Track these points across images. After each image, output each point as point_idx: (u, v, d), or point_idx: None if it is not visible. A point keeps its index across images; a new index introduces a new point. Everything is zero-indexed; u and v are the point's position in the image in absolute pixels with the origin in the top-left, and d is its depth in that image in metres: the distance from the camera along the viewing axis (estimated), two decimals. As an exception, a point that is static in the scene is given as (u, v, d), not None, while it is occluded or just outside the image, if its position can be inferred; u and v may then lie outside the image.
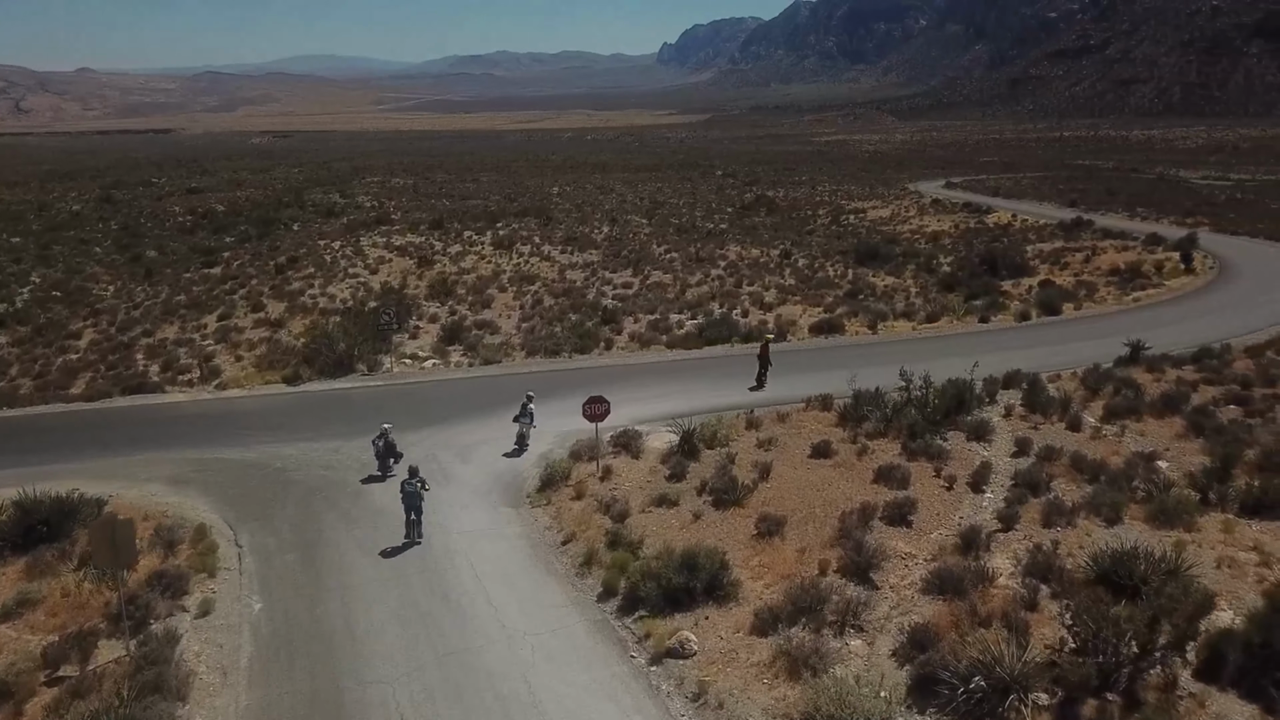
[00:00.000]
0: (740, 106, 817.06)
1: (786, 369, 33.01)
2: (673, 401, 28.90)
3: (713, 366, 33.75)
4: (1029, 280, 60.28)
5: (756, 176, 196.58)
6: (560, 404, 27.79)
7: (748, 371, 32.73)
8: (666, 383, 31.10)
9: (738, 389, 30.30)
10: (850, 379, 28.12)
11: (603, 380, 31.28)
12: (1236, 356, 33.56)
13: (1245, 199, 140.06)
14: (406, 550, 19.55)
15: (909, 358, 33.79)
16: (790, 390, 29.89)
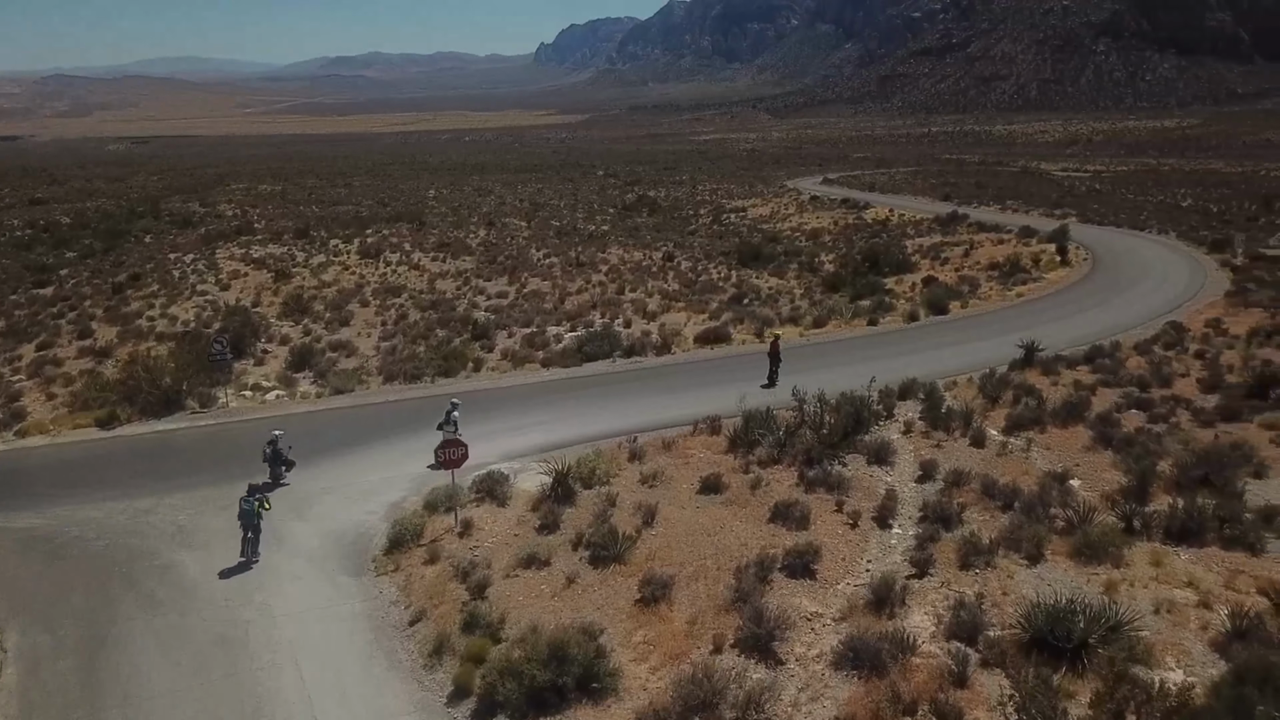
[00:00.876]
0: (619, 106, 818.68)
1: (671, 387, 30.49)
2: (548, 431, 25.90)
3: (592, 387, 30.85)
4: (912, 277, 59.73)
5: (638, 176, 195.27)
6: (417, 441, 24.48)
7: (631, 391, 30.05)
8: (541, 408, 28.02)
9: (619, 412, 27.51)
10: (740, 399, 25.71)
11: (469, 408, 27.94)
12: (1127, 354, 32.76)
13: (1103, 189, 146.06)
14: (215, 643, 16.00)
15: (799, 368, 31.82)
16: (677, 410, 27.31)
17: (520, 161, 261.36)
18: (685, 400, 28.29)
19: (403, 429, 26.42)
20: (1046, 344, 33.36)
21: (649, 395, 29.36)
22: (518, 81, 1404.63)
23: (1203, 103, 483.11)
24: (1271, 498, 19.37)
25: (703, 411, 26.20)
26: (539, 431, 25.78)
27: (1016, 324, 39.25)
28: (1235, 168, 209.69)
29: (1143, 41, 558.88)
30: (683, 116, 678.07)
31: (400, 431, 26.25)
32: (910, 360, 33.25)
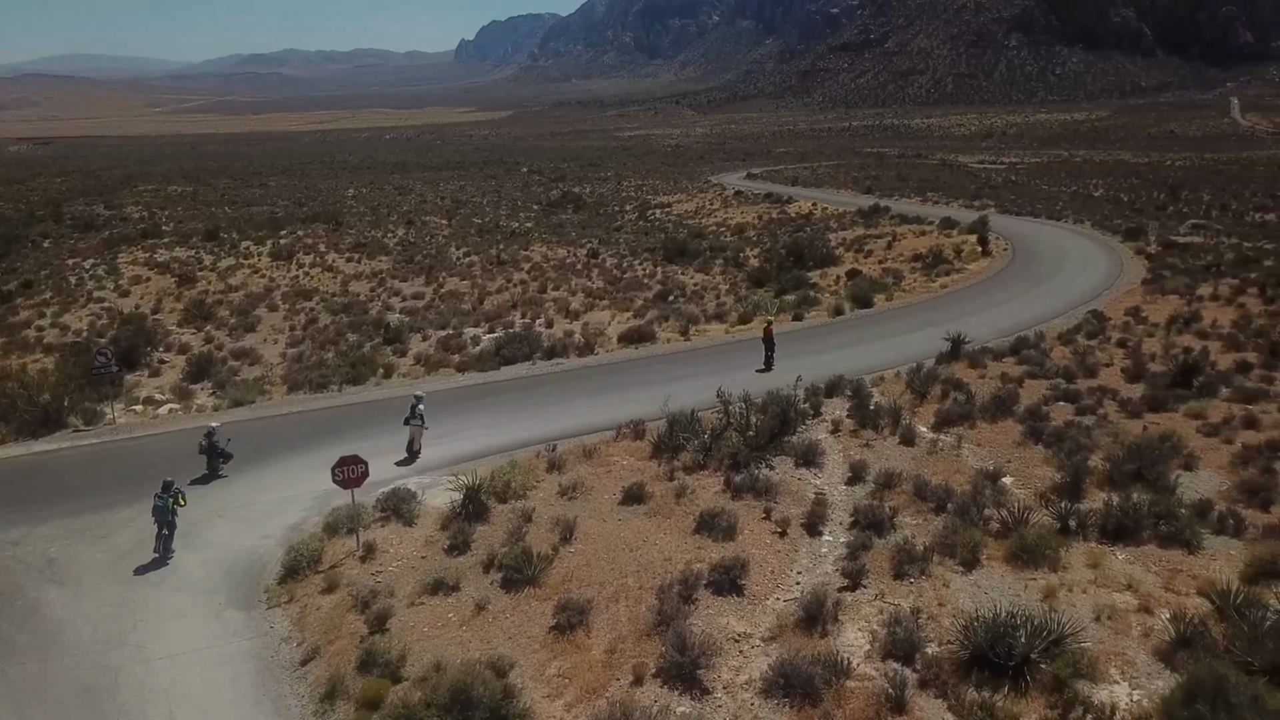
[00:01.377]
0: (542, 103, 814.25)
1: (594, 390, 29.27)
2: (462, 441, 24.43)
3: (510, 392, 29.43)
4: (836, 270, 59.52)
5: (563, 173, 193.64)
6: (321, 455, 22.81)
7: (551, 396, 28.73)
8: (455, 417, 26.46)
9: (538, 419, 26.16)
10: (664, 401, 24.61)
11: (377, 418, 26.40)
12: (1052, 345, 32.59)
13: (1019, 181, 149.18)
14: (79, 694, 14.27)
15: (725, 367, 30.91)
16: (600, 415, 26.09)
17: (443, 159, 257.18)
18: (608, 404, 27.11)
19: (306, 443, 24.68)
20: (972, 336, 33.05)
21: (570, 399, 28.10)
22: (439, 79, 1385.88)
23: (1109, 96, 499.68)
24: (1203, 490, 18.99)
25: (626, 415, 25.05)
26: (452, 442, 24.29)
27: (942, 316, 39.02)
28: (1142, 158, 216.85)
29: (1052, 36, 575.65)
30: (607, 113, 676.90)
31: (303, 445, 24.51)
32: (837, 356, 32.62)
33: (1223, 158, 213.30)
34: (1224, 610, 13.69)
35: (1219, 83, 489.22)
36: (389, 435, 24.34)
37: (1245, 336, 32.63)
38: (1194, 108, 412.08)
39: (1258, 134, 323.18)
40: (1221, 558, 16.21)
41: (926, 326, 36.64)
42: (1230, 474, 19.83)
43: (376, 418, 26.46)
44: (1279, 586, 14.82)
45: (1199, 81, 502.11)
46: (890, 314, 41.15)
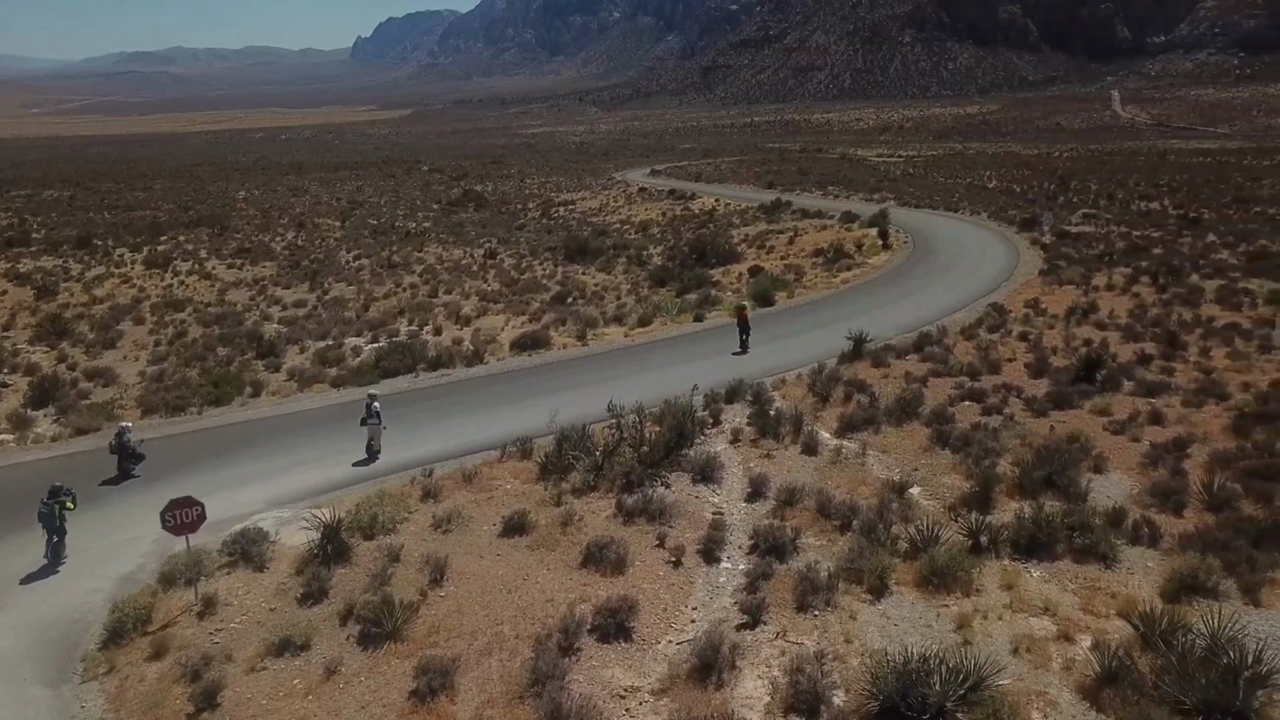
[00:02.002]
0: (443, 101, 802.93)
1: (480, 403, 27.24)
2: (329, 468, 22.14)
3: (389, 409, 27.04)
4: (739, 267, 58.62)
5: (465, 171, 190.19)
6: (170, 490, 20.31)
7: (432, 412, 26.55)
8: (324, 439, 24.09)
9: (416, 439, 23.99)
10: (552, 416, 22.79)
11: (238, 444, 23.92)
12: (955, 340, 31.90)
13: (916, 173, 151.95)
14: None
15: (622, 374, 29.29)
16: (484, 431, 24.13)
17: (340, 159, 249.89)
18: (494, 419, 25.12)
19: (156, 476, 22.06)
20: (875, 333, 32.18)
21: (453, 415, 25.96)
22: (336, 77, 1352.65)
23: (999, 90, 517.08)
24: (1114, 495, 18.16)
25: (514, 431, 23.15)
26: (318, 469, 21.99)
27: (844, 312, 38.21)
28: (1032, 149, 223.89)
29: (944, 32, 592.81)
30: (509, 110, 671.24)
31: (150, 479, 21.90)
32: (737, 358, 31.32)
33: (1106, 148, 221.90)
34: (1148, 637, 12.61)
35: (1100, 77, 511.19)
36: (256, 461, 22.01)
37: (1142, 326, 32.55)
38: (1078, 101, 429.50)
39: (1137, 125, 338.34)
40: (1139, 571, 15.27)
41: (829, 324, 35.70)
42: (1140, 476, 19.08)
43: (234, 443, 23.96)
44: (1201, 603, 13.89)
45: (1082, 76, 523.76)
46: (792, 312, 40.12)
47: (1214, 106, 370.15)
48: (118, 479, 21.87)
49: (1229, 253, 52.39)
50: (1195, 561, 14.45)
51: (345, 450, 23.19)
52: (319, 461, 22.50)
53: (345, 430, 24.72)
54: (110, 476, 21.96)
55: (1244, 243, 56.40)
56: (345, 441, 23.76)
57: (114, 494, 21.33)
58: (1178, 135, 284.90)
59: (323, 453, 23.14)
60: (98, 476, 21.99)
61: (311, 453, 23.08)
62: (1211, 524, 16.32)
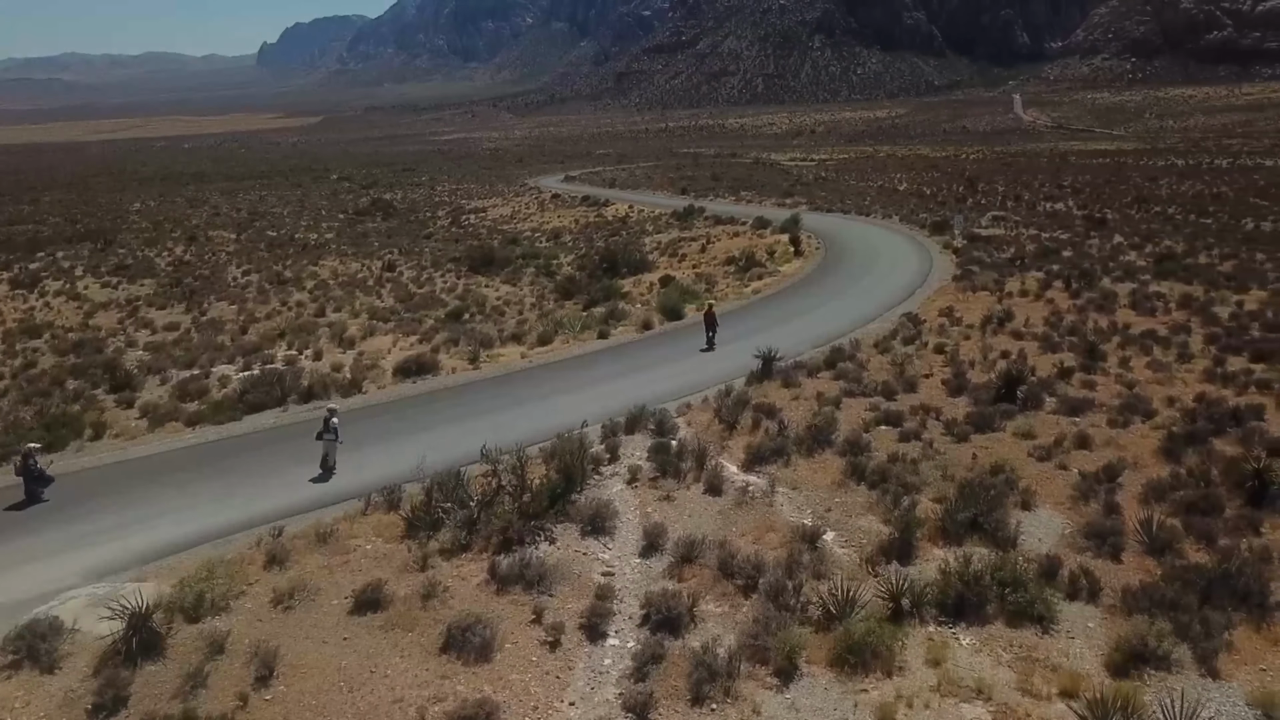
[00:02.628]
0: (354, 107, 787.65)
1: (351, 442, 24.26)
2: (161, 529, 19.02)
3: (246, 451, 24.01)
4: (651, 276, 56.63)
5: (375, 179, 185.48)
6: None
7: (293, 455, 23.45)
8: (164, 493, 20.79)
9: (270, 489, 20.99)
10: (420, 460, 20.11)
11: (63, 502, 20.63)
12: (869, 355, 30.19)
13: (829, 177, 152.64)
14: None
15: (513, 403, 26.75)
16: (349, 477, 21.33)
17: (246, 168, 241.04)
18: (363, 462, 22.28)
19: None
20: (786, 348, 30.36)
21: (311, 460, 22.88)
22: (241, 83, 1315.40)
23: (907, 94, 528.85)
24: (1046, 538, 16.41)
25: (383, 476, 20.44)
26: (144, 531, 18.87)
27: (755, 324, 36.34)
28: (940, 152, 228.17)
29: (852, 38, 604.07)
30: (422, 116, 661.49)
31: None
32: (641, 380, 29.06)
33: (1011, 150, 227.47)
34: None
35: (1002, 81, 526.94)
36: (56, 528, 18.83)
37: (1059, 335, 31.37)
38: (982, 104, 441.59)
39: (1039, 128, 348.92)
40: (1080, 635, 13.43)
41: (739, 338, 33.73)
42: (1072, 512, 17.39)
43: (60, 497, 20.65)
44: (1154, 675, 12.07)
45: (985, 80, 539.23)
46: (701, 326, 37.99)
47: (1110, 109, 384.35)
48: (24, 504, 20.53)
49: (1137, 254, 52.37)
50: (1143, 626, 12.66)
51: (187, 506, 20.12)
52: (151, 521, 19.38)
53: (189, 479, 21.65)
54: (17, 502, 20.52)
55: (1149, 243, 56.65)
56: (188, 493, 20.69)
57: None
58: (1077, 137, 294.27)
59: (159, 509, 20.02)
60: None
61: (143, 509, 19.95)
62: (1155, 572, 14.64)
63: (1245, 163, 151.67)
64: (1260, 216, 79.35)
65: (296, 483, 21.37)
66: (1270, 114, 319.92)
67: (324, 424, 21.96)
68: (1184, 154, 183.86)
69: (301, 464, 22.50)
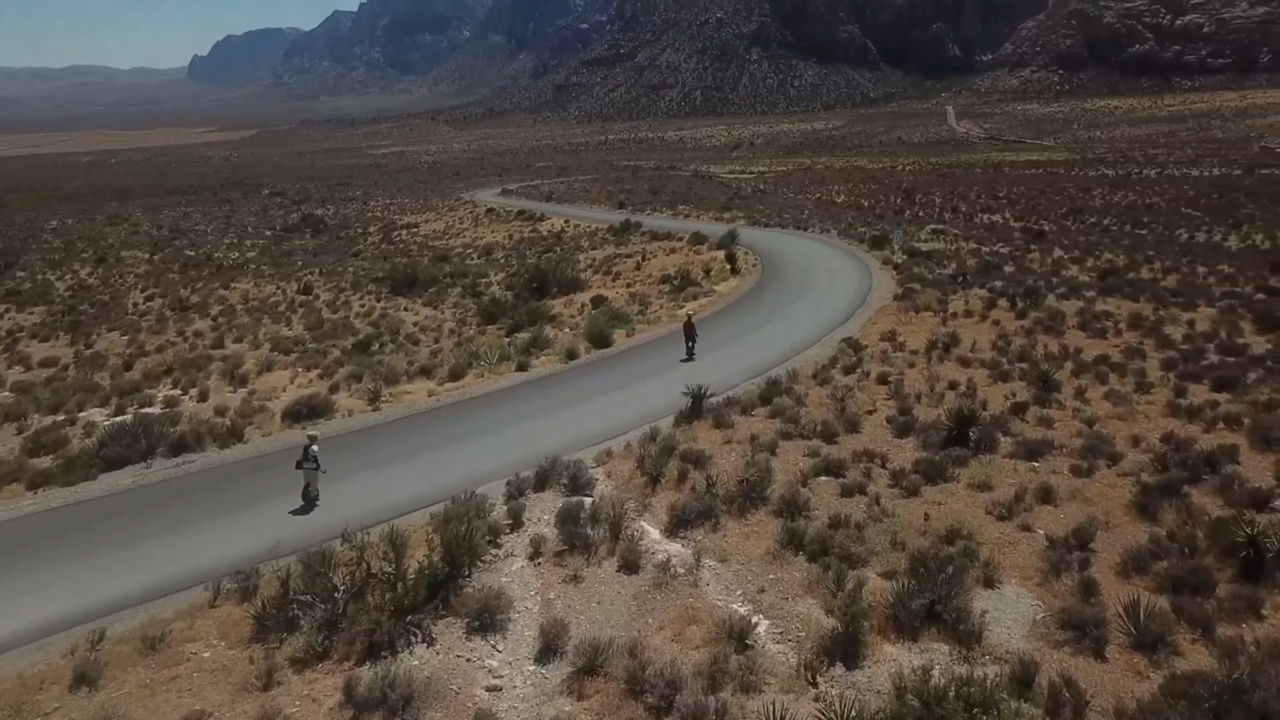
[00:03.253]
0: (289, 121, 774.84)
1: (212, 510, 20.94)
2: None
3: (94, 522, 20.52)
4: (583, 296, 53.97)
5: (307, 194, 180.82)
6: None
7: (144, 525, 20.09)
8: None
9: (106, 572, 17.50)
10: (273, 547, 16.97)
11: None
12: (807, 387, 27.70)
13: (767, 190, 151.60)
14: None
15: (405, 453, 23.67)
16: (201, 555, 18.06)
17: (175, 183, 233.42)
18: (222, 537, 19.01)
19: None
20: (720, 378, 27.84)
21: (168, 532, 19.48)
22: (172, 97, 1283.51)
23: (843, 105, 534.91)
24: (1013, 625, 13.92)
25: (241, 554, 17.30)
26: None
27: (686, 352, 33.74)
28: (877, 163, 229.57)
29: (788, 51, 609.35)
30: (359, 130, 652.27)
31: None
32: (560, 420, 26.22)
33: (946, 160, 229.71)
34: None
35: (935, 93, 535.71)
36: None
37: (1009, 362, 29.26)
38: (917, 116, 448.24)
39: (972, 139, 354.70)
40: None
41: (668, 368, 31.16)
42: (1042, 590, 14.92)
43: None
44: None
45: (919, 92, 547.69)
46: (630, 354, 35.31)
47: (1039, 120, 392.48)
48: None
49: (1079, 268, 51.06)
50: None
51: (6, 597, 16.71)
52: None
53: (22, 558, 18.21)
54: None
55: (1090, 257, 55.51)
56: (6, 584, 17.27)
57: None
58: (1009, 148, 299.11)
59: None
60: None
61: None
62: (1147, 674, 12.22)
63: (1173, 172, 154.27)
64: (1194, 227, 79.50)
65: (147, 561, 18.04)
66: (1191, 124, 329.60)
67: (304, 452, 20.36)
68: (1113, 164, 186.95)
69: (161, 535, 19.20)
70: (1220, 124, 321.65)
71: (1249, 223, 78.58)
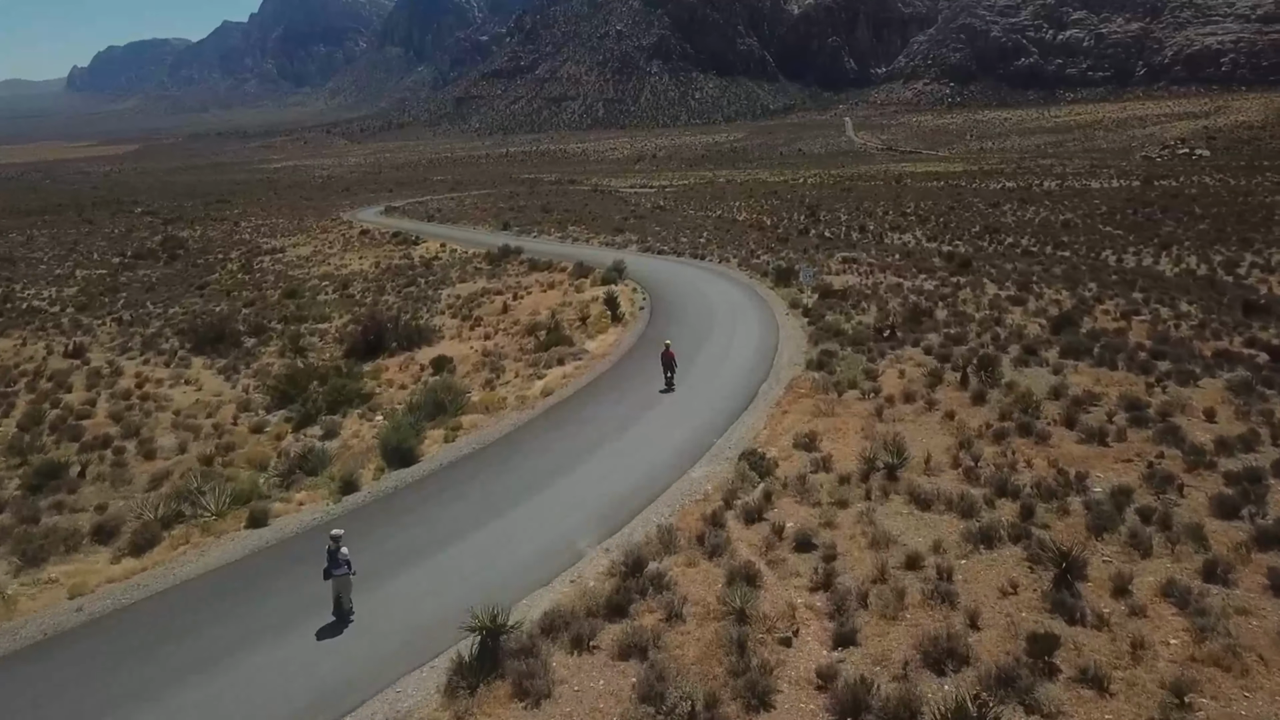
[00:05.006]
0: (177, 135, 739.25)
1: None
2: None
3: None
4: (430, 351, 43.38)
5: (182, 212, 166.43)
6: None
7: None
8: None
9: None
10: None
11: None
12: (685, 566, 17.50)
13: (667, 206, 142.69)
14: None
15: None
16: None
17: (41, 202, 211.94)
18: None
19: None
20: (551, 539, 17.66)
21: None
22: (50, 110, 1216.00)
23: (744, 118, 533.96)
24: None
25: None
26: None
27: (515, 484, 23.07)
28: (779, 176, 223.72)
29: (689, 63, 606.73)
30: (251, 144, 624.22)
31: None
32: (276, 659, 15.41)
33: (846, 173, 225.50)
34: None
35: (833, 105, 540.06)
36: None
37: (985, 501, 19.64)
38: (815, 128, 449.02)
39: (870, 150, 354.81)
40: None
41: (483, 520, 20.64)
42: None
43: None
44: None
45: (817, 104, 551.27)
46: (436, 485, 24.02)
47: (933, 131, 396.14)
48: None
49: (1022, 312, 42.58)
50: None
51: None
52: None
53: None
54: None
55: (1029, 295, 47.26)
56: None
57: None
58: (905, 159, 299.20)
59: None
60: None
61: None
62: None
63: (1073, 184, 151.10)
64: (1119, 248, 73.08)
65: None
66: (1076, 134, 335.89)
67: (329, 557, 16.38)
68: (1012, 175, 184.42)
69: None
70: (1104, 134, 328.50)
71: (1176, 244, 72.38)
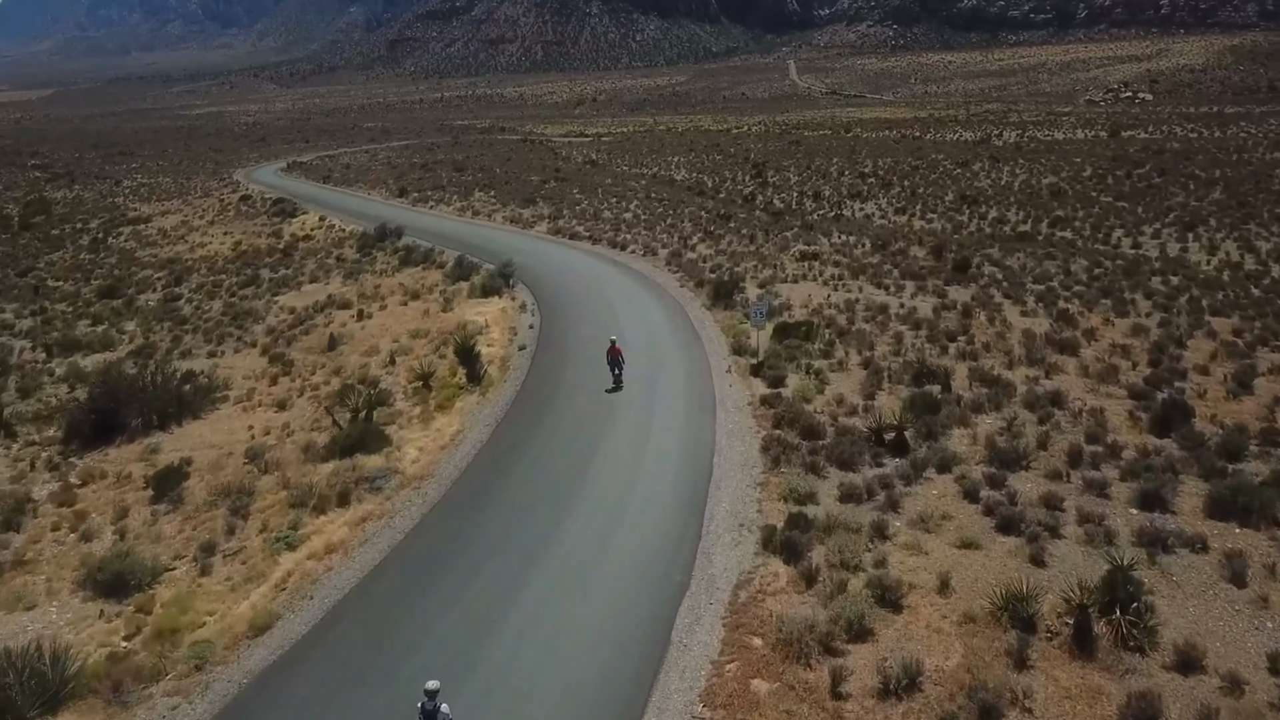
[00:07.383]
0: (94, 79, 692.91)
1: None
2: None
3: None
4: (184, 434, 29.12)
5: (79, 165, 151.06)
6: None
7: None
8: None
9: None
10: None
11: None
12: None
13: (599, 161, 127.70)
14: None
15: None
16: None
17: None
18: None
19: None
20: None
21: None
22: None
23: (686, 61, 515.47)
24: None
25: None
26: None
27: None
28: (721, 125, 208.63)
29: (630, 4, 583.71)
30: (173, 89, 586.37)
31: None
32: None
33: (792, 120, 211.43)
34: None
35: (776, 47, 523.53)
36: None
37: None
38: (759, 71, 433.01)
39: (814, 94, 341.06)
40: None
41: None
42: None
43: None
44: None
45: (760, 46, 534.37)
46: None
47: (878, 75, 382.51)
48: None
49: (1075, 369, 29.45)
50: None
51: None
52: None
53: None
54: None
55: (1067, 325, 34.14)
56: None
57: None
58: (851, 103, 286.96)
59: None
60: None
61: None
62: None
63: (1035, 135, 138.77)
64: (1130, 225, 60.11)
65: None
66: (1020, 78, 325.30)
67: (421, 713, 12.91)
68: (966, 123, 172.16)
69: None
70: (1047, 77, 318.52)
71: (1200, 222, 59.76)
